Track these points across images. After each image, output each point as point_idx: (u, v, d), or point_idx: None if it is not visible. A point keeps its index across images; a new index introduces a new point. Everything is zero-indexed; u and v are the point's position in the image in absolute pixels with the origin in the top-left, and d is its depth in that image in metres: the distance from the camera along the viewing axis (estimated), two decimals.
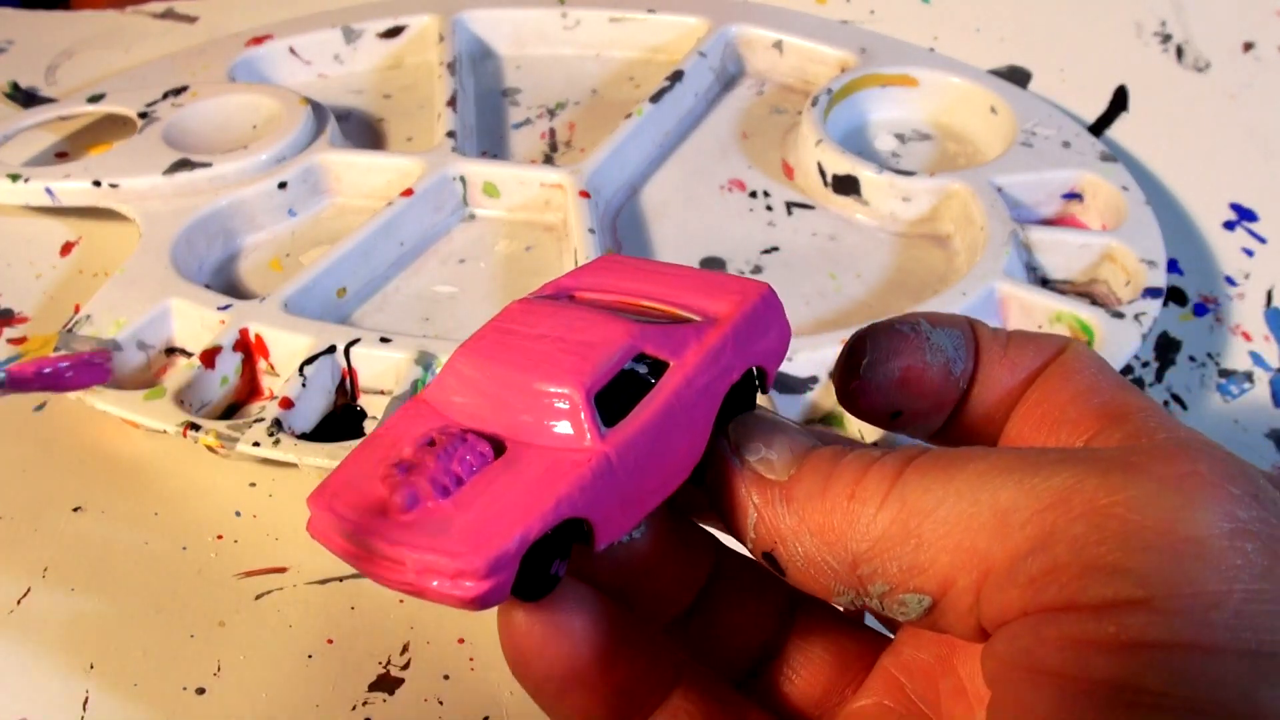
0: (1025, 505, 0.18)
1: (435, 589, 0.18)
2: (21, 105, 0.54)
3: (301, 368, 0.39)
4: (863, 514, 0.20)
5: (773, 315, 0.23)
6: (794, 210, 0.48)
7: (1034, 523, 0.18)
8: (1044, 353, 0.23)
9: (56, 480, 0.39)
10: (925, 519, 0.19)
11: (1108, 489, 0.17)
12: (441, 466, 0.19)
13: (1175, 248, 0.47)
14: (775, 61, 0.55)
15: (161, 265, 0.43)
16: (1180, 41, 0.56)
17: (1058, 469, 0.18)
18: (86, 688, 0.33)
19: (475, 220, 0.48)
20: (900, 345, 0.23)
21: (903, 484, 0.20)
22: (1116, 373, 0.23)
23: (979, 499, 0.18)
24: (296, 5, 0.58)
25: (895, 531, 0.19)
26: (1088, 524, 0.17)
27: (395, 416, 0.21)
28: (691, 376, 0.21)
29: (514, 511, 0.18)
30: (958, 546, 0.19)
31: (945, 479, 0.19)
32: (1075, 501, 0.17)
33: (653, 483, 0.21)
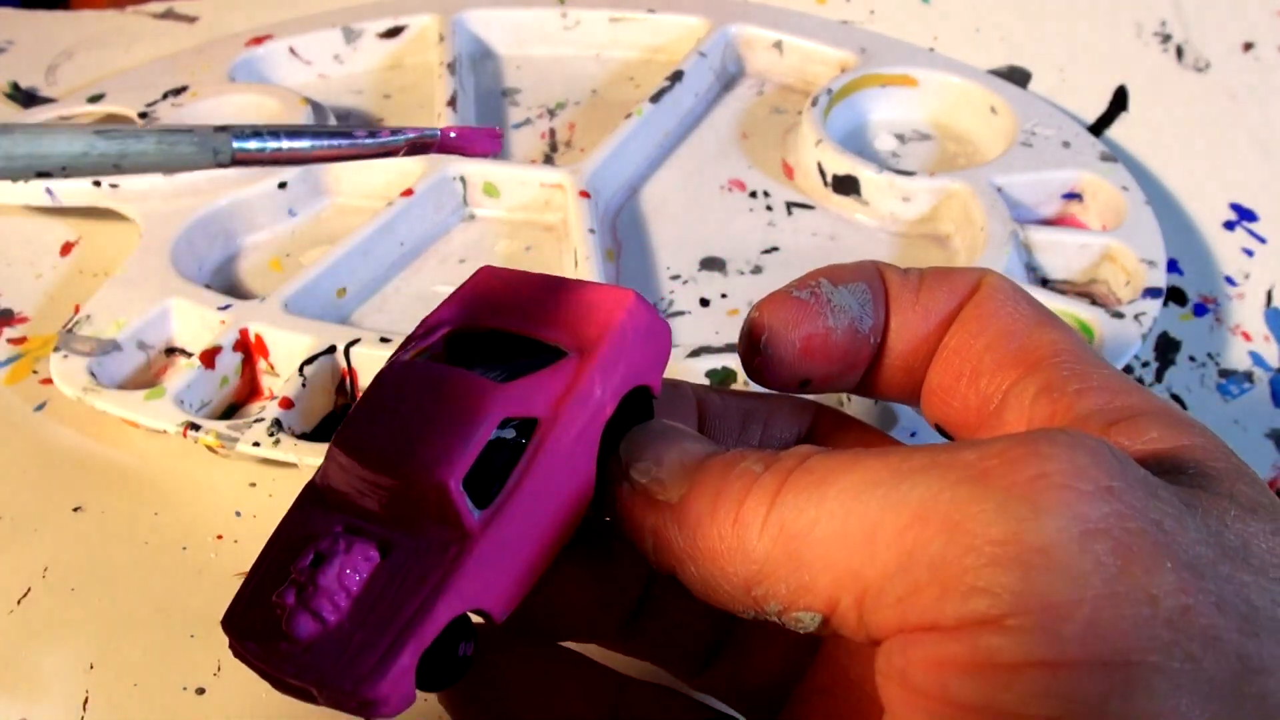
0: (889, 522, 0.17)
1: (350, 710, 0.19)
2: (21, 105, 0.54)
3: (301, 368, 0.39)
4: (747, 538, 0.19)
5: (643, 324, 0.22)
6: (794, 210, 0.48)
7: (897, 542, 0.17)
8: (957, 293, 0.23)
9: (56, 480, 0.39)
10: (803, 541, 0.18)
11: (959, 503, 0.17)
12: (328, 587, 0.20)
13: (1175, 248, 0.47)
14: (775, 61, 0.55)
15: (161, 265, 0.43)
16: (1180, 41, 0.56)
17: (917, 481, 0.17)
18: (86, 688, 0.33)
19: (475, 220, 0.48)
20: (798, 314, 0.23)
21: (780, 504, 0.19)
22: (1034, 305, 0.22)
23: (849, 517, 0.18)
24: (296, 5, 0.58)
25: (777, 554, 0.19)
26: (943, 541, 0.17)
27: (288, 515, 0.22)
28: (561, 430, 0.21)
29: (402, 624, 0.19)
30: (834, 567, 0.18)
31: (819, 497, 0.18)
32: (932, 517, 0.17)
33: (541, 543, 0.21)
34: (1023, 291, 0.22)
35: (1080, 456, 0.17)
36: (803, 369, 0.23)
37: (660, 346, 0.23)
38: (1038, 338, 0.21)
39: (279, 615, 0.20)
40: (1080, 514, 0.16)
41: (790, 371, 0.23)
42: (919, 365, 0.23)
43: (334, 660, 0.19)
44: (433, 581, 0.19)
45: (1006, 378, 0.21)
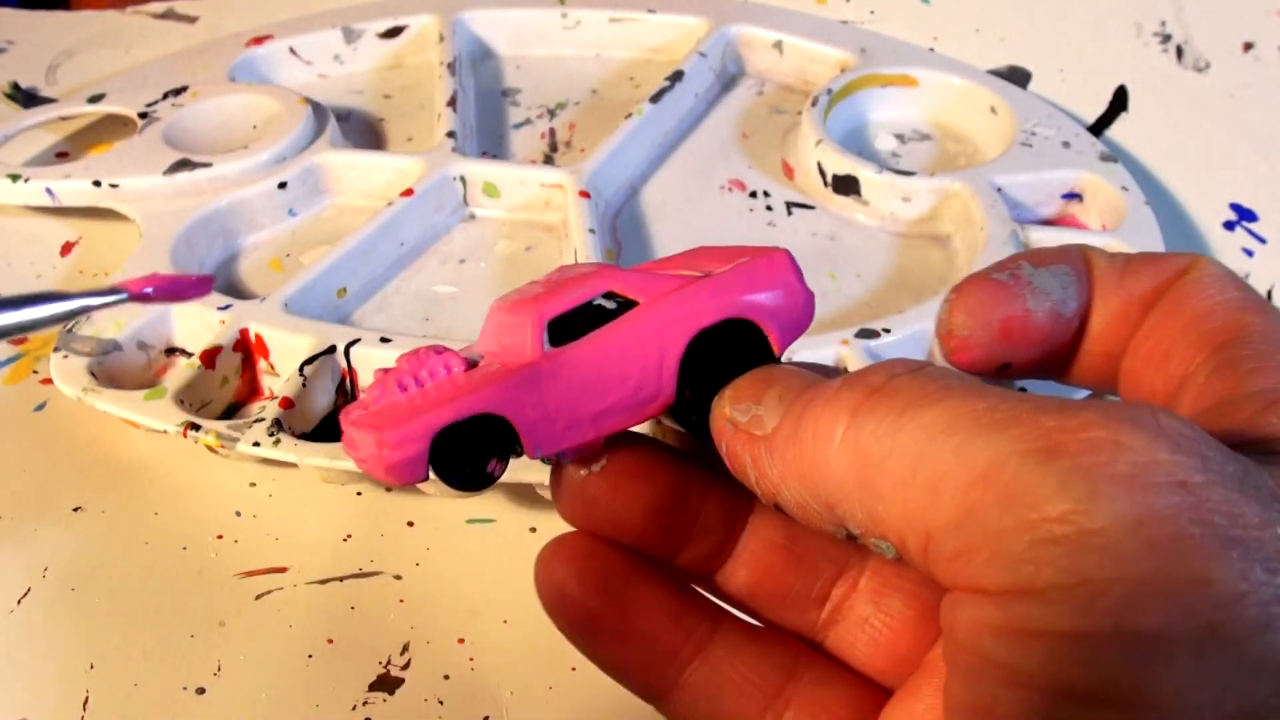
0: (956, 475, 0.17)
1: (362, 459, 0.21)
2: (21, 105, 0.54)
3: (301, 368, 0.39)
4: (825, 453, 0.19)
5: (778, 275, 0.23)
6: (794, 210, 0.48)
7: (961, 498, 0.17)
8: (1162, 276, 0.22)
9: (56, 480, 0.39)
10: (876, 470, 0.18)
11: (1024, 473, 0.17)
12: (408, 371, 0.22)
13: (1175, 247, 0.47)
14: (775, 61, 0.55)
15: (161, 265, 0.43)
16: (1180, 41, 0.56)
17: (991, 437, 0.17)
18: (86, 688, 0.33)
19: (475, 220, 0.48)
20: (997, 295, 0.22)
21: (857, 425, 0.19)
22: (1245, 290, 0.21)
23: (921, 459, 0.18)
24: (296, 5, 0.58)
25: (852, 478, 0.19)
26: (1000, 510, 0.17)
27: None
28: (652, 313, 0.22)
29: (439, 402, 0.21)
30: (902, 505, 0.18)
31: (895, 428, 0.18)
32: (995, 482, 0.17)
33: (592, 406, 0.22)
34: (1236, 278, 0.21)
35: (1160, 449, 0.16)
36: (1002, 352, 0.23)
37: (788, 303, 0.23)
38: (1236, 319, 0.20)
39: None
40: (1143, 503, 0.16)
41: (988, 354, 0.23)
42: (1118, 350, 0.22)
43: (380, 417, 0.21)
44: (480, 384, 0.21)
45: (1193, 359, 0.20)
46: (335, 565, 0.36)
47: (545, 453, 0.22)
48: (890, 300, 0.44)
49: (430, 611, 0.35)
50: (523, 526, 0.38)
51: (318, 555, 0.36)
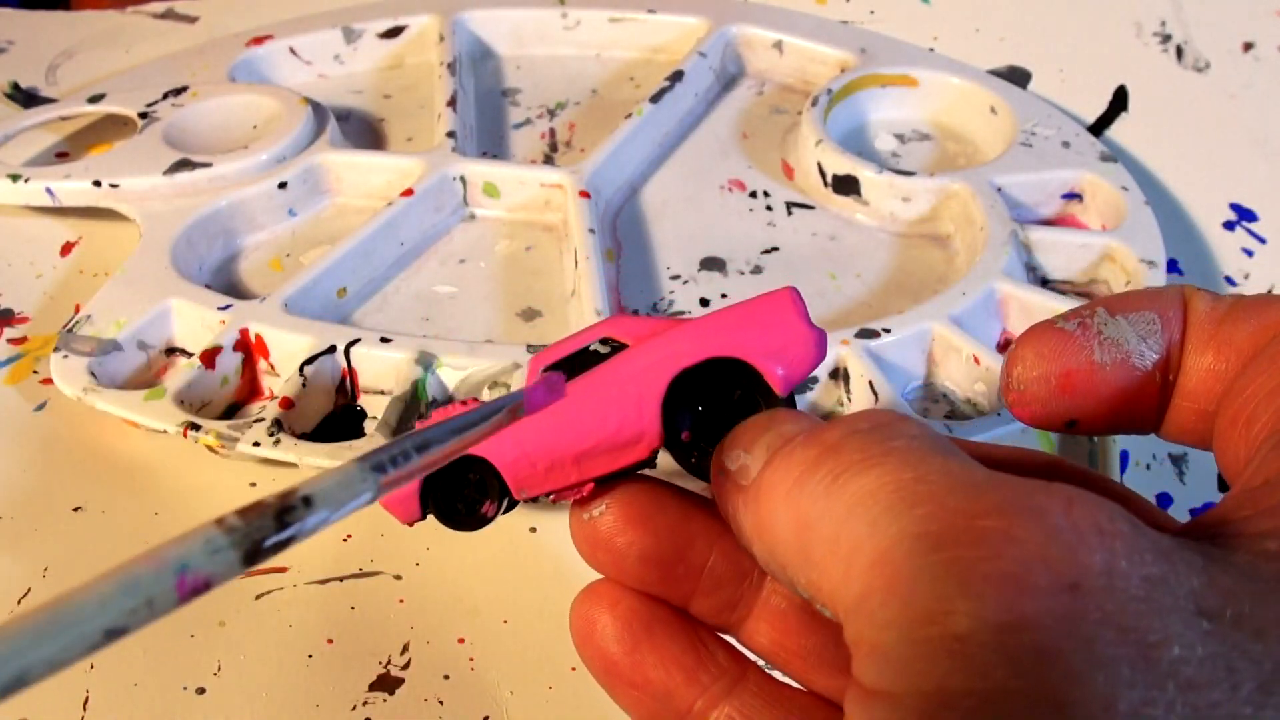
0: (864, 552, 0.16)
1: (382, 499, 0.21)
2: (22, 105, 0.54)
3: (301, 368, 0.39)
4: (771, 512, 0.19)
5: (776, 313, 0.22)
6: (794, 210, 0.48)
7: (860, 579, 0.16)
8: (1268, 325, 0.19)
9: (56, 480, 0.39)
10: (810, 533, 0.17)
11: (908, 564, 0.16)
12: (433, 418, 0.22)
13: (1175, 248, 0.47)
14: (775, 61, 0.55)
15: (162, 265, 0.43)
16: (1180, 41, 0.56)
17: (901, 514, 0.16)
18: (86, 688, 0.33)
19: (475, 220, 0.48)
20: (1059, 347, 0.20)
21: (800, 485, 0.18)
22: None
23: (843, 529, 0.17)
24: (296, 5, 0.58)
25: (793, 541, 0.18)
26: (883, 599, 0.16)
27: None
28: (630, 356, 0.22)
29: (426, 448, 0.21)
30: (830, 575, 0.17)
31: (829, 492, 0.17)
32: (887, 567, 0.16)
33: (572, 448, 0.22)
34: None
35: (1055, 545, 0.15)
36: (1063, 407, 0.21)
37: (795, 344, 0.22)
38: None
39: None
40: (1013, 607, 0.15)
41: (1048, 409, 0.21)
42: (1211, 407, 0.20)
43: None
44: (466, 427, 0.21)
45: (1266, 432, 0.18)
46: (335, 565, 0.36)
47: (530, 494, 0.22)
48: (890, 300, 0.44)
49: (430, 611, 0.35)
50: (523, 526, 0.38)
51: (318, 555, 0.36)
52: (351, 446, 0.36)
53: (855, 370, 0.39)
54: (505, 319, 0.43)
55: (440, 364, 0.39)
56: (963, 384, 0.41)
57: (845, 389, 0.40)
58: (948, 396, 0.41)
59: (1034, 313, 0.42)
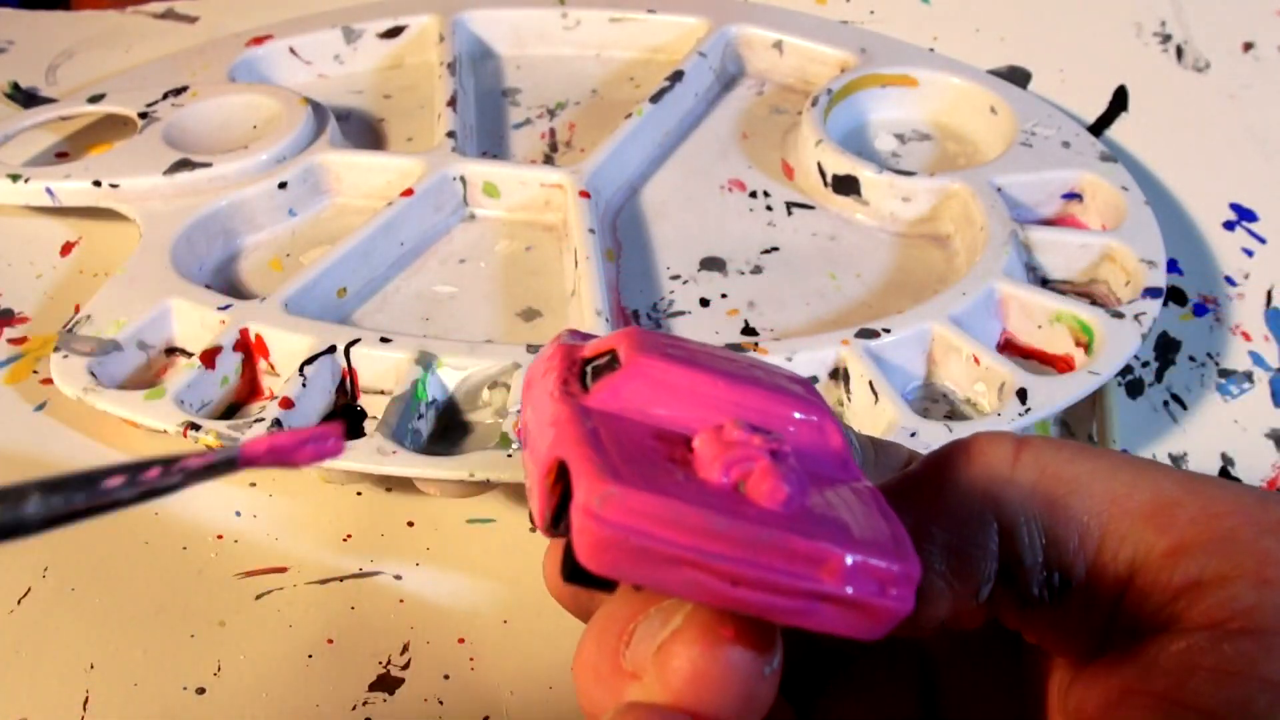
0: (1196, 504, 0.17)
1: (857, 598, 0.15)
2: (21, 105, 0.54)
3: (302, 368, 0.39)
4: (997, 472, 0.18)
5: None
6: (794, 210, 0.48)
7: (1209, 524, 0.16)
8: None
9: None
10: (1071, 491, 0.17)
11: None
12: (796, 464, 0.16)
13: (1175, 248, 0.47)
14: (775, 61, 0.55)
15: (161, 265, 0.43)
16: (1180, 41, 0.56)
17: (1226, 485, 0.17)
18: (86, 688, 0.33)
19: (475, 220, 0.48)
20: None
21: (1033, 448, 0.18)
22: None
23: (1137, 487, 0.17)
24: (296, 5, 0.58)
25: (1039, 495, 0.18)
26: (1278, 540, 0.16)
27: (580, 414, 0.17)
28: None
29: (892, 528, 0.16)
30: (1111, 530, 0.17)
31: (1091, 455, 0.18)
32: (1261, 517, 0.16)
33: None
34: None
35: None
36: None
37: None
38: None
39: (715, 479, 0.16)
40: None
41: None
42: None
43: (850, 533, 0.16)
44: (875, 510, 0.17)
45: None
46: (335, 565, 0.36)
47: None
48: (890, 300, 0.44)
49: (430, 611, 0.35)
50: (523, 526, 0.38)
51: (318, 555, 0.36)
52: (352, 446, 0.36)
53: (855, 370, 0.39)
54: (505, 319, 0.43)
55: (440, 364, 0.39)
56: (963, 384, 0.41)
57: (845, 389, 0.40)
58: (947, 396, 0.41)
59: (1034, 313, 0.42)
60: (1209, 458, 0.41)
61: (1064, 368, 0.42)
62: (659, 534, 0.15)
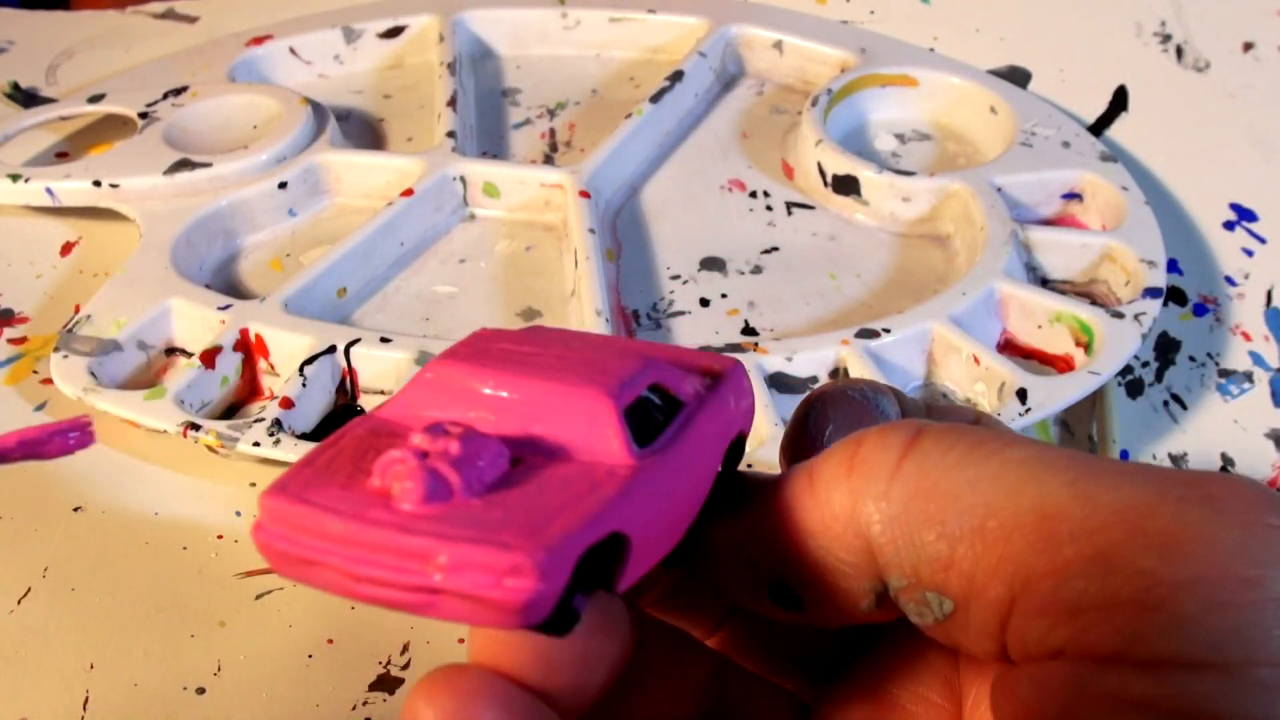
0: (1078, 515, 0.15)
1: (467, 589, 0.15)
2: (21, 105, 0.54)
3: (302, 368, 0.39)
4: (871, 488, 0.17)
5: (747, 383, 0.22)
6: (794, 210, 0.48)
7: (1089, 540, 0.15)
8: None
9: (56, 480, 0.39)
10: (950, 503, 0.16)
11: (1185, 522, 0.15)
12: (466, 455, 0.16)
13: (1175, 248, 0.47)
14: (775, 61, 0.55)
15: (162, 265, 0.43)
16: (1180, 41, 0.56)
17: (1122, 480, 0.15)
18: (86, 688, 0.33)
19: (475, 220, 0.48)
20: (859, 414, 0.21)
21: (920, 452, 0.17)
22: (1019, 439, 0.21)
23: (1019, 493, 0.16)
24: (296, 5, 0.58)
25: (914, 512, 0.17)
26: (1161, 558, 0.14)
27: (354, 424, 0.18)
28: (705, 418, 0.19)
29: (561, 514, 0.16)
30: (987, 548, 0.16)
31: (976, 459, 0.16)
32: (1145, 528, 0.15)
33: (667, 528, 0.18)
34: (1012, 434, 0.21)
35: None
36: None
37: (752, 415, 0.22)
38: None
39: (372, 486, 0.16)
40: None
41: None
42: None
43: (476, 525, 0.15)
44: (590, 489, 0.17)
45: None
46: None
47: (629, 583, 0.17)
48: (890, 300, 0.44)
49: None
50: None
51: None
52: None
53: (855, 370, 0.39)
54: (505, 319, 0.43)
55: None
56: (963, 384, 0.41)
57: None
58: (947, 396, 0.41)
59: (1034, 313, 0.42)
60: (1209, 458, 0.41)
61: (1064, 368, 0.42)
62: (296, 539, 0.16)
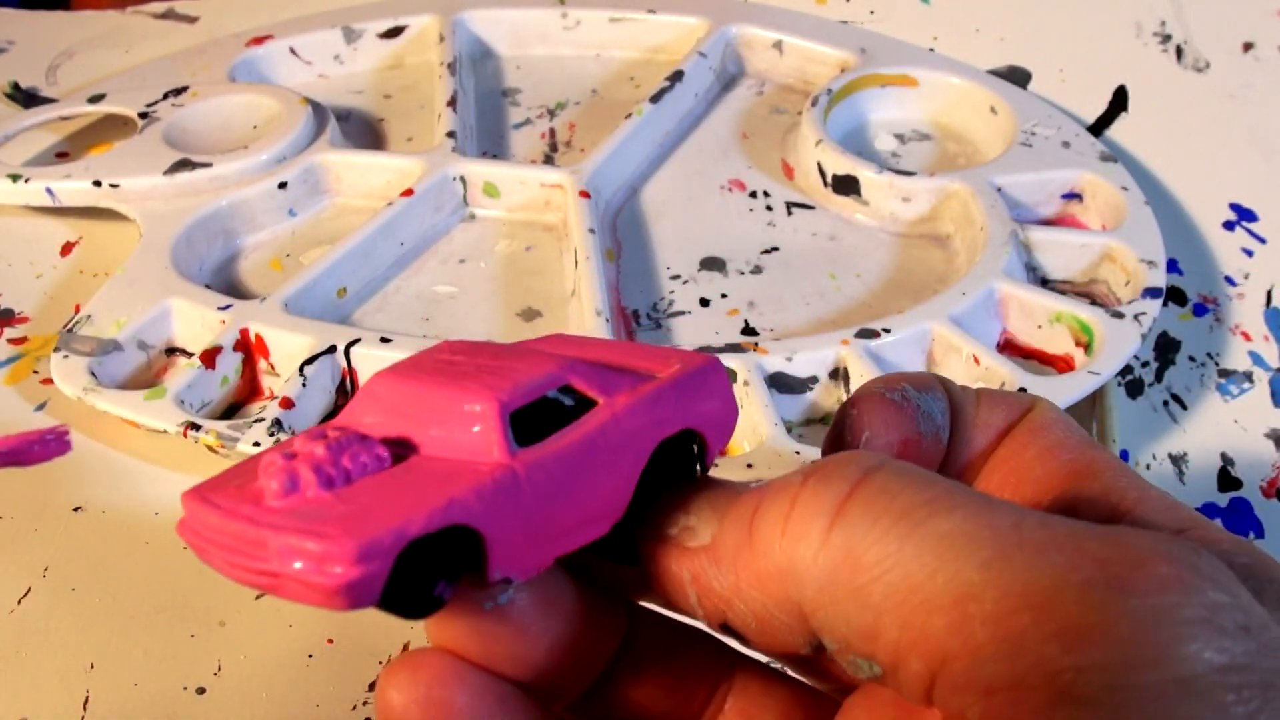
0: (991, 597, 0.16)
1: (295, 574, 0.16)
2: (22, 105, 0.54)
3: (302, 368, 0.39)
4: (801, 553, 0.18)
5: (717, 384, 0.21)
6: (794, 210, 0.48)
7: (1002, 624, 0.15)
8: (1012, 412, 0.22)
9: (56, 480, 0.39)
10: (873, 579, 0.17)
11: (1089, 606, 0.15)
12: (329, 457, 0.18)
13: (1175, 248, 0.47)
14: (775, 61, 0.55)
15: (162, 265, 0.43)
16: (1180, 41, 0.56)
17: (1034, 560, 0.16)
18: (86, 688, 0.33)
19: (475, 220, 0.48)
20: (897, 417, 0.21)
21: (847, 523, 0.17)
22: (1083, 431, 0.22)
23: (938, 572, 0.16)
24: (296, 5, 0.58)
25: (840, 584, 0.17)
26: (1062, 646, 0.15)
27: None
28: (620, 416, 0.20)
29: (400, 507, 0.17)
30: (908, 624, 0.16)
31: (900, 532, 0.17)
32: (1051, 612, 0.15)
33: (562, 524, 0.19)
34: (1071, 420, 0.22)
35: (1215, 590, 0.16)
36: None
37: (725, 414, 0.22)
38: (1089, 455, 0.21)
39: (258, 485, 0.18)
40: (1223, 647, 0.15)
41: None
42: (971, 479, 0.22)
43: (311, 518, 0.17)
44: (445, 484, 0.18)
45: (1053, 487, 0.20)
46: None
47: (505, 574, 0.18)
48: (890, 300, 0.44)
49: None
50: None
51: None
52: None
53: (855, 370, 0.39)
54: (505, 319, 0.43)
55: None
56: (963, 384, 0.41)
57: (845, 389, 0.40)
58: None
59: (1034, 313, 0.42)
60: (1209, 458, 0.41)
61: (1064, 368, 0.42)
62: (197, 531, 0.19)
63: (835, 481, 0.18)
